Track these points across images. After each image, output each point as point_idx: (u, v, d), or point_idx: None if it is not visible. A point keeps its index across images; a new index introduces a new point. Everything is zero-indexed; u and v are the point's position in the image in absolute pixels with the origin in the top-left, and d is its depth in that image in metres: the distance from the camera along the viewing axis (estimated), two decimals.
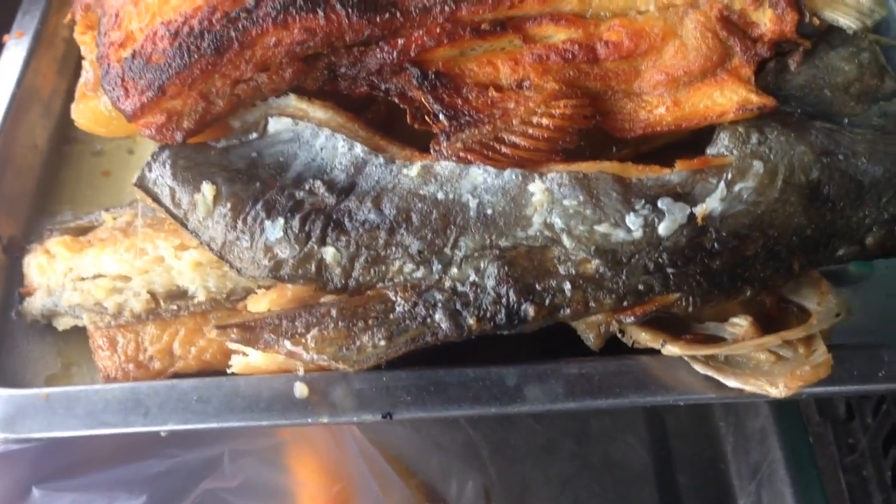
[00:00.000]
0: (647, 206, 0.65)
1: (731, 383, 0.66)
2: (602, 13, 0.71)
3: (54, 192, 0.91)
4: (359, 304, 0.66)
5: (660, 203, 0.65)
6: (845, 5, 0.69)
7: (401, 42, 0.70)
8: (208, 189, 0.69)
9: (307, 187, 0.70)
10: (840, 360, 0.67)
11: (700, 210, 0.65)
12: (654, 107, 0.70)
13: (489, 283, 0.64)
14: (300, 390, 0.68)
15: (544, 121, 0.68)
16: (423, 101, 0.70)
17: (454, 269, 0.65)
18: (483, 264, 0.65)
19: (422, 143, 0.71)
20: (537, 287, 0.64)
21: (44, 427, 0.68)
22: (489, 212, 0.66)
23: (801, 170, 0.66)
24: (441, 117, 0.69)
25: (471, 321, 0.64)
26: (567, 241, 0.65)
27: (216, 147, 0.72)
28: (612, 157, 0.73)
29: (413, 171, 0.69)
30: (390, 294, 0.66)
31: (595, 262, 0.64)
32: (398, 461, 1.01)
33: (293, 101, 0.72)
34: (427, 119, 0.70)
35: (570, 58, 0.70)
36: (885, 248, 0.68)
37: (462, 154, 0.68)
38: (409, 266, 0.66)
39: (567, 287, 0.64)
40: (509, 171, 0.68)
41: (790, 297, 0.70)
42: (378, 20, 0.69)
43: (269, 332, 0.66)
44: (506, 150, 0.68)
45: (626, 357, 0.69)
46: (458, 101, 0.69)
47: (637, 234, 0.64)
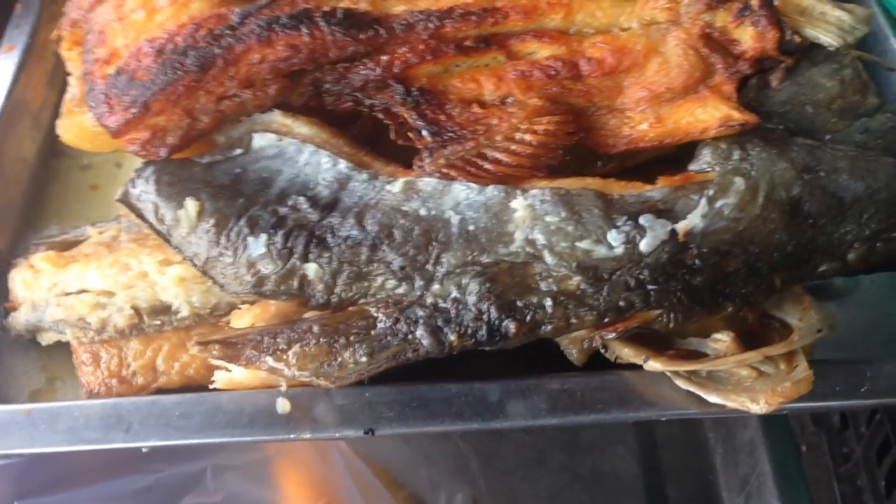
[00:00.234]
0: (629, 222, 0.65)
1: (712, 399, 0.66)
2: (585, 30, 0.71)
3: (41, 206, 0.91)
4: (340, 321, 0.66)
5: (641, 219, 0.65)
6: (826, 23, 0.70)
7: (384, 58, 0.70)
8: (192, 205, 0.69)
9: (290, 203, 0.70)
10: (822, 376, 0.67)
11: (681, 226, 0.65)
12: (637, 123, 0.70)
13: (470, 299, 0.64)
14: (282, 406, 0.68)
15: (527, 137, 0.68)
16: (406, 116, 0.70)
17: (436, 286, 0.65)
18: (465, 281, 0.65)
19: (409, 158, 0.71)
20: (518, 303, 0.64)
21: (25, 443, 0.68)
22: (471, 228, 0.67)
23: (782, 186, 0.66)
24: (424, 133, 0.69)
25: (452, 337, 0.64)
26: (549, 258, 0.65)
27: (200, 163, 0.72)
28: (597, 172, 0.74)
29: (396, 188, 0.69)
30: (372, 310, 0.66)
31: (576, 279, 0.64)
32: (386, 473, 1.01)
33: (278, 117, 0.73)
34: (411, 135, 0.70)
35: (554, 74, 0.70)
36: (867, 263, 0.68)
37: (445, 170, 0.68)
38: (391, 282, 0.66)
39: (548, 303, 0.64)
40: (492, 188, 0.68)
41: (772, 313, 0.70)
42: (362, 37, 0.69)
43: (250, 348, 0.66)
44: (488, 166, 0.68)
45: (609, 372, 0.69)
46: (442, 117, 0.70)
47: (618, 250, 0.64)
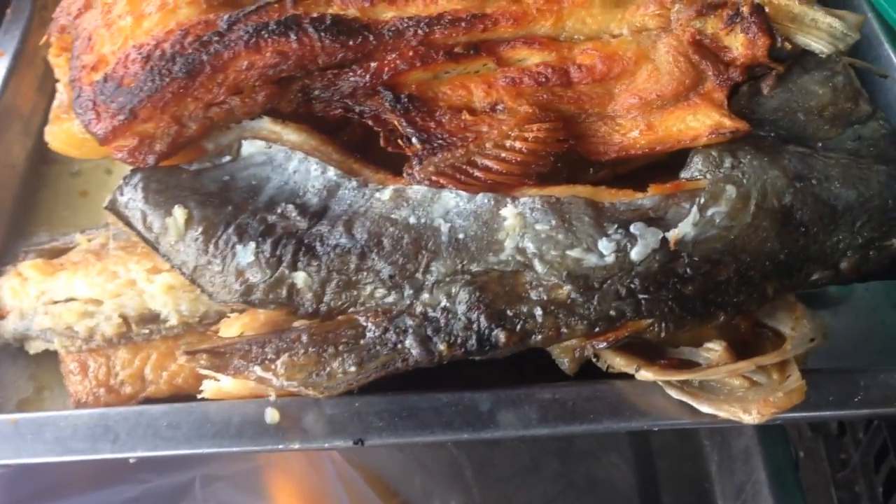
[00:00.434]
0: (620, 230, 0.65)
1: (704, 409, 0.65)
2: (576, 36, 0.71)
3: (31, 213, 0.90)
4: (329, 330, 0.65)
5: (632, 228, 0.65)
6: (818, 29, 0.69)
7: (373, 65, 0.70)
8: (180, 213, 0.69)
9: (279, 211, 0.69)
10: (815, 385, 0.66)
11: (672, 235, 0.64)
12: (628, 130, 0.70)
13: (460, 308, 0.64)
14: (271, 415, 0.68)
15: (517, 144, 0.68)
16: (396, 123, 0.70)
17: (425, 295, 0.65)
18: (454, 290, 0.64)
19: (400, 165, 0.71)
20: (508, 313, 0.64)
21: (12, 453, 0.68)
22: (461, 236, 0.66)
23: (773, 194, 0.66)
24: (414, 140, 0.69)
25: (441, 347, 0.64)
26: (539, 267, 0.64)
27: (188, 170, 0.72)
28: (589, 179, 0.73)
29: (385, 195, 0.69)
30: (361, 319, 0.65)
31: (567, 288, 0.64)
32: (379, 481, 1.01)
33: (267, 124, 0.72)
34: (400, 142, 0.70)
35: (544, 81, 0.69)
36: (860, 272, 0.67)
37: (434, 178, 0.67)
38: (381, 291, 0.65)
39: (538, 313, 0.64)
40: (481, 196, 0.67)
41: (765, 322, 0.69)
42: (351, 43, 0.69)
43: (238, 357, 0.65)
44: (478, 173, 0.67)
45: (601, 382, 0.69)
46: (431, 124, 0.69)
47: (609, 259, 0.64)
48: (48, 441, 0.68)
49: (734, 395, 0.65)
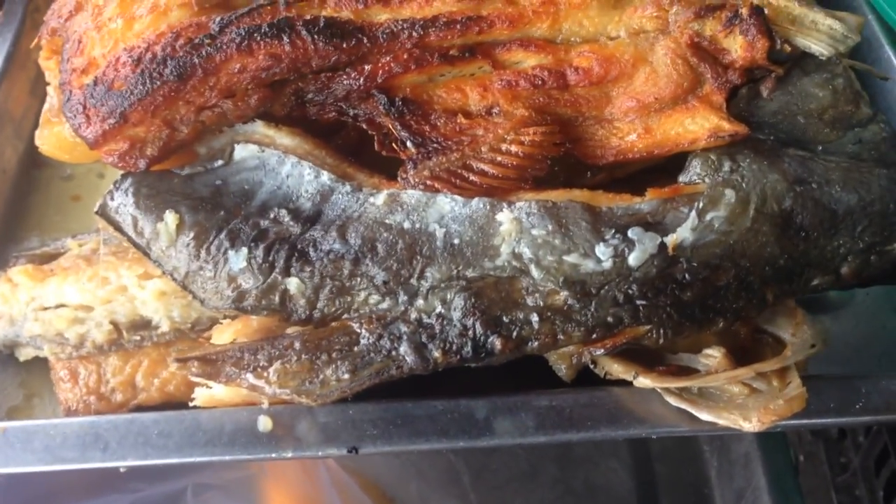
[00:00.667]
0: (617, 235, 0.64)
1: (704, 416, 0.64)
2: (572, 39, 0.70)
3: (22, 217, 0.89)
4: (323, 337, 0.64)
5: (630, 233, 0.64)
6: (818, 31, 0.68)
7: (368, 68, 0.69)
8: (171, 218, 0.68)
9: (272, 216, 0.68)
10: (816, 392, 0.65)
11: (671, 240, 0.63)
12: (626, 133, 0.69)
13: (455, 314, 0.63)
14: (264, 423, 0.67)
15: (513, 148, 0.67)
16: (390, 127, 0.69)
17: (420, 301, 0.64)
18: (449, 295, 0.63)
19: (395, 169, 0.70)
20: (504, 319, 0.63)
21: (1, 463, 0.67)
22: (456, 241, 0.65)
23: (773, 198, 0.65)
24: (409, 144, 0.68)
25: (436, 354, 0.63)
26: (535, 272, 0.63)
27: (180, 175, 0.71)
28: (587, 182, 0.72)
29: (380, 200, 0.68)
30: (355, 326, 0.64)
31: (564, 294, 0.63)
32: (375, 487, 1.00)
33: (260, 128, 0.71)
34: (395, 146, 0.69)
35: (540, 84, 0.68)
36: (861, 277, 0.66)
37: (429, 182, 0.67)
38: (375, 297, 0.64)
39: (535, 319, 0.63)
40: (477, 200, 0.66)
41: (765, 327, 0.68)
42: (344, 46, 0.68)
43: (230, 365, 0.64)
44: (474, 178, 0.66)
45: (599, 389, 0.68)
46: (426, 127, 0.68)
47: (607, 264, 0.63)
48: (37, 450, 0.67)
49: (734, 402, 0.64)
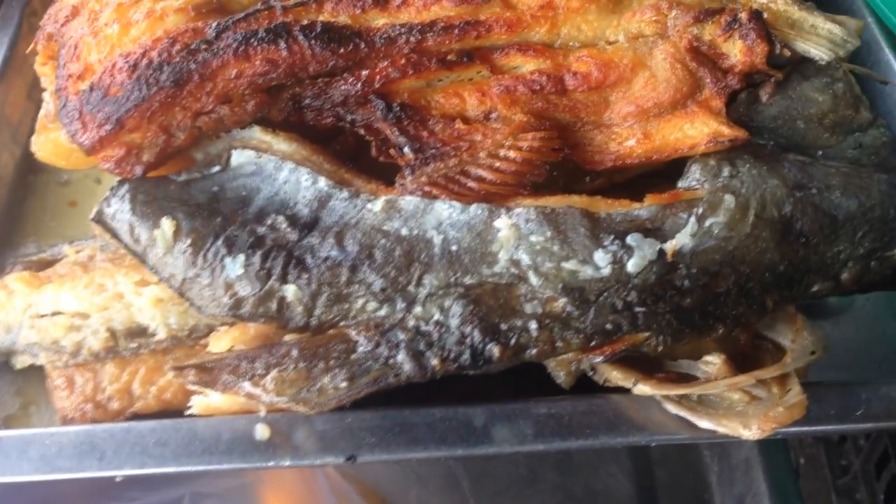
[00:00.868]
0: (616, 241, 0.63)
1: (703, 424, 0.64)
2: (571, 43, 0.70)
3: (19, 223, 0.89)
4: (320, 344, 0.64)
5: (629, 239, 0.63)
6: (817, 36, 0.68)
7: (365, 73, 0.68)
8: (168, 224, 0.67)
9: (269, 222, 0.68)
10: (816, 399, 0.65)
11: (670, 246, 0.63)
12: (625, 139, 0.68)
13: (453, 322, 0.62)
14: (261, 432, 0.66)
15: (512, 154, 0.66)
16: (388, 132, 0.68)
17: (418, 308, 0.63)
18: (447, 303, 0.63)
19: (393, 175, 0.70)
20: (503, 326, 0.62)
21: None
22: (454, 248, 0.65)
23: (773, 204, 0.64)
24: (406, 150, 0.67)
25: (434, 362, 0.62)
26: (534, 279, 0.63)
27: (177, 181, 0.70)
28: (586, 188, 0.72)
29: (377, 206, 0.67)
30: (352, 333, 0.64)
31: (562, 301, 0.62)
32: (375, 493, 0.99)
33: (257, 133, 0.71)
34: (392, 152, 0.68)
35: (539, 89, 0.68)
36: (861, 283, 0.66)
37: (427, 188, 0.66)
38: (372, 304, 0.64)
39: (533, 326, 0.62)
40: (475, 206, 0.66)
41: (765, 334, 0.68)
42: (342, 51, 0.68)
43: (227, 373, 0.64)
44: (472, 184, 0.66)
45: (598, 396, 0.68)
46: (424, 133, 0.68)
47: (605, 271, 0.63)
48: (33, 459, 0.66)
49: (733, 409, 0.64)
